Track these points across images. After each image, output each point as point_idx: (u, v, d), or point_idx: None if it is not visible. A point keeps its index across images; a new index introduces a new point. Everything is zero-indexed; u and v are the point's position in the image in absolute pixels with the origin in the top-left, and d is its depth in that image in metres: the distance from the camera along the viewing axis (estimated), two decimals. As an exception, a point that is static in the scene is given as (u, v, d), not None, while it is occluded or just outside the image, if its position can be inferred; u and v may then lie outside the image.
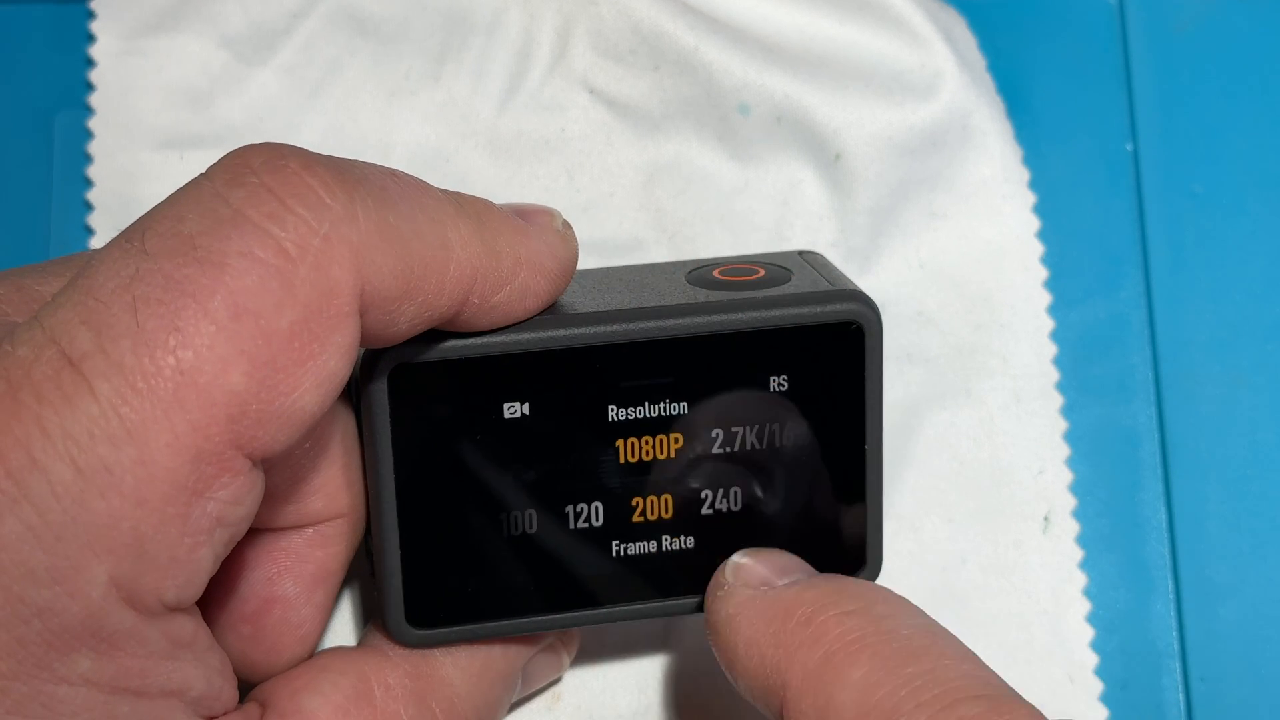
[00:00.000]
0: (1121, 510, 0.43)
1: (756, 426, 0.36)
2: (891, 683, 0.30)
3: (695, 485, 0.36)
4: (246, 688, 0.34)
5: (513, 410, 0.34)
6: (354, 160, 0.31)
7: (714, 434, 0.36)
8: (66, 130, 0.43)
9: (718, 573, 0.35)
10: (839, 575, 0.34)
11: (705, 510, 0.36)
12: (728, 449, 0.36)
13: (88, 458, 0.26)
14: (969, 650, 0.32)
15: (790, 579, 0.34)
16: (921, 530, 0.42)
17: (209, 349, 0.27)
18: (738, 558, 0.35)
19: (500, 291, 0.32)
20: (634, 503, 0.36)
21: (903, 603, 0.33)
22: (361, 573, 0.39)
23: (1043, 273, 0.43)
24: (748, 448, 0.36)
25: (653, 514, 0.36)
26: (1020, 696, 0.30)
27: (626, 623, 0.38)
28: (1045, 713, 0.40)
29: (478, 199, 0.33)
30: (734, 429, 0.36)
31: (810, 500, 0.36)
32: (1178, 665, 0.42)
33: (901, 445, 0.42)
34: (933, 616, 0.40)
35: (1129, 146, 0.45)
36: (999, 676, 0.31)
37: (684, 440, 0.35)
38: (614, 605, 0.36)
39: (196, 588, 0.29)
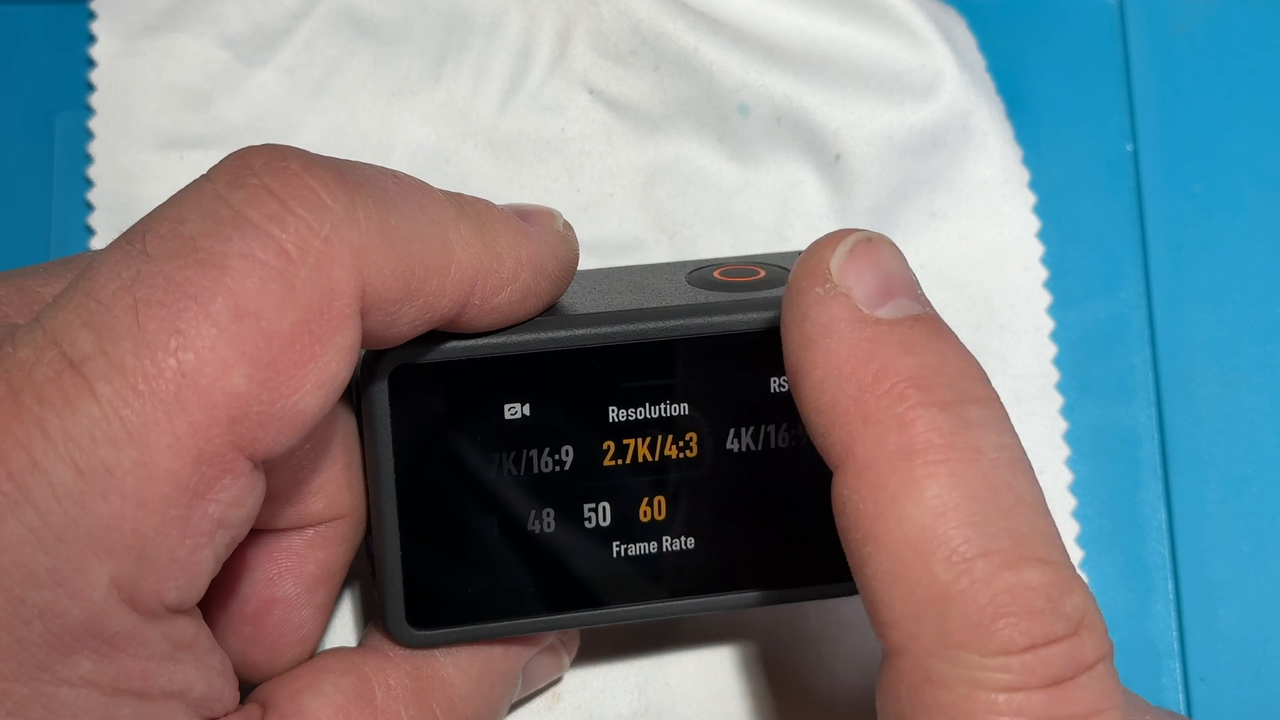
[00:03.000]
0: (1121, 510, 0.43)
1: (757, 427, 0.36)
2: (964, 515, 0.28)
3: (696, 486, 0.36)
4: (247, 688, 0.34)
5: (513, 411, 0.34)
6: (355, 161, 0.31)
7: (714, 435, 0.36)
8: (67, 130, 0.43)
9: (823, 248, 0.30)
10: (941, 326, 0.30)
11: (705, 511, 0.36)
12: (728, 450, 0.36)
13: (89, 459, 0.27)
14: (1043, 499, 0.29)
15: (894, 308, 0.30)
16: (922, 530, 0.42)
17: (210, 351, 0.27)
18: (852, 241, 0.30)
19: (501, 292, 0.32)
20: (634, 504, 0.36)
21: (996, 408, 0.30)
22: (362, 573, 0.39)
23: (1043, 273, 0.43)
24: (747, 449, 0.36)
25: (653, 515, 0.36)
26: (1077, 572, 0.29)
27: (626, 623, 0.38)
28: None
29: (479, 200, 0.33)
30: (734, 430, 0.36)
31: (810, 501, 0.36)
32: (1177, 665, 0.42)
33: (902, 445, 0.42)
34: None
35: (1129, 146, 0.45)
36: (1062, 542, 0.29)
37: (684, 441, 0.35)
38: (614, 605, 0.36)
39: (197, 589, 0.29)
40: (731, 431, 0.36)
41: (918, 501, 0.28)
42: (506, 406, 0.34)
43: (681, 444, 0.35)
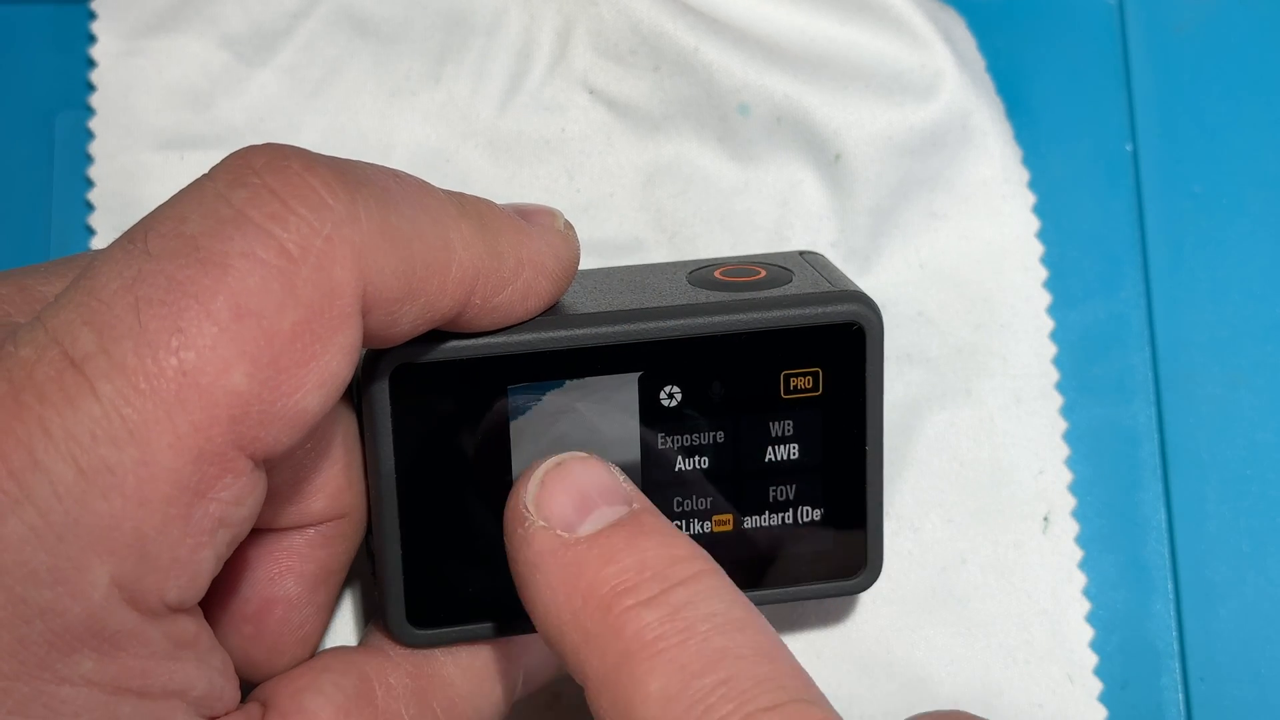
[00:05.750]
0: (1121, 510, 0.43)
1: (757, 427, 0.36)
2: (688, 697, 0.29)
3: (696, 486, 0.36)
4: (248, 687, 0.34)
5: (514, 411, 0.34)
6: (356, 161, 0.31)
7: (714, 435, 0.36)
8: (67, 130, 0.43)
9: (519, 489, 0.33)
10: (642, 522, 0.32)
11: (705, 510, 0.36)
12: (729, 449, 0.36)
13: (90, 458, 0.27)
14: (769, 640, 0.31)
15: (592, 521, 0.32)
16: (921, 530, 0.42)
17: (211, 350, 0.27)
18: (544, 472, 0.33)
19: (502, 292, 0.32)
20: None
21: (704, 581, 0.31)
22: (362, 573, 0.39)
23: (1042, 273, 0.43)
24: (748, 448, 0.36)
25: (654, 514, 0.36)
26: (816, 696, 0.30)
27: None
28: (1044, 713, 0.41)
29: (480, 199, 0.33)
30: (734, 430, 0.36)
31: (810, 500, 0.36)
32: (1177, 665, 0.42)
33: (901, 445, 0.42)
34: (932, 617, 0.40)
35: (1129, 146, 0.45)
36: (797, 672, 0.31)
37: (685, 441, 0.35)
38: (615, 605, 0.36)
39: (198, 588, 0.29)
40: (732, 431, 0.36)
41: (643, 697, 0.29)
42: (507, 406, 0.34)
43: (682, 444, 0.35)
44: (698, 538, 0.36)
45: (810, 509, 0.36)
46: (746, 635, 0.30)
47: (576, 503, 0.32)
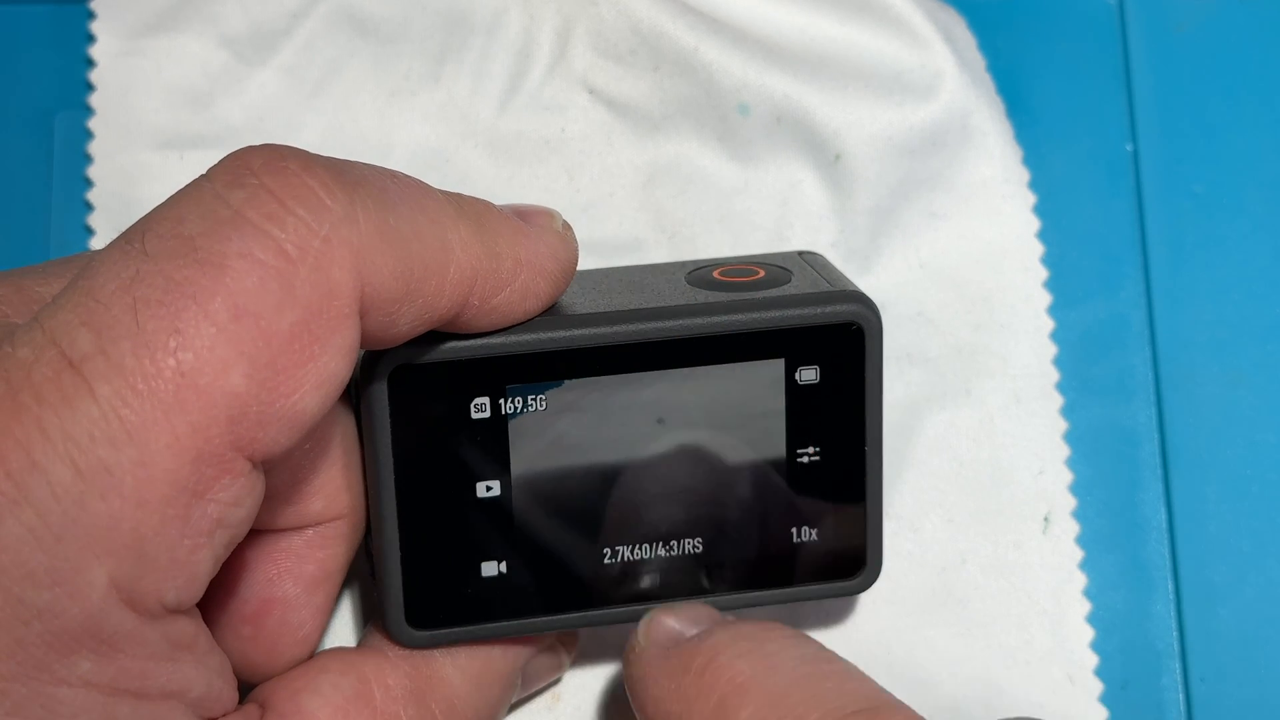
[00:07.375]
0: (1121, 510, 0.43)
1: (756, 429, 0.36)
2: (776, 715, 0.31)
3: (696, 486, 0.36)
4: (246, 689, 0.34)
5: (512, 411, 0.34)
6: (354, 161, 0.31)
7: (714, 436, 0.36)
8: (66, 130, 0.43)
9: (632, 633, 0.36)
10: (741, 620, 0.35)
11: (705, 511, 0.36)
12: (728, 451, 0.36)
13: (88, 459, 0.26)
14: (856, 672, 0.33)
15: (698, 629, 0.35)
16: (921, 530, 0.42)
17: (209, 350, 0.27)
18: (653, 614, 0.36)
19: (500, 293, 0.32)
20: (634, 503, 0.36)
21: (795, 638, 0.34)
22: (361, 573, 0.39)
23: (1043, 273, 0.43)
24: (748, 450, 0.36)
25: (653, 515, 0.36)
26: (902, 706, 0.32)
27: (626, 623, 0.38)
28: (1045, 713, 0.41)
29: (478, 200, 0.33)
30: (734, 431, 0.36)
31: (811, 501, 0.36)
32: (1178, 665, 0.42)
33: (901, 445, 0.42)
34: (932, 617, 0.40)
35: (1129, 146, 0.45)
36: (885, 692, 0.33)
37: (685, 442, 0.35)
38: (614, 606, 0.36)
39: (196, 590, 0.29)
40: (731, 433, 0.36)
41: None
42: (505, 406, 0.34)
43: (682, 445, 0.35)
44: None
45: (810, 508, 0.36)
46: (835, 665, 0.33)
47: (686, 622, 0.36)
